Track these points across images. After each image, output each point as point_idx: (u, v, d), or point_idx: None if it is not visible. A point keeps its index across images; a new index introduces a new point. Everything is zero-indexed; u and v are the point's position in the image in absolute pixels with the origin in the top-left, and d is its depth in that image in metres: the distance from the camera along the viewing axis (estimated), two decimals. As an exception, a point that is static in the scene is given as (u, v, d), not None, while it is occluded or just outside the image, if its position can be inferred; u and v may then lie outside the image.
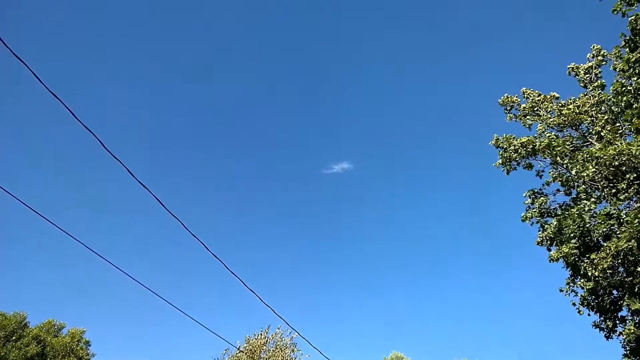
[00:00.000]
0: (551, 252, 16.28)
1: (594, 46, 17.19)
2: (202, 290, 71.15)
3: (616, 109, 15.24)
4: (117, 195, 77.21)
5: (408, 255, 78.65)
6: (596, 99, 16.47)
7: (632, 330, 14.45)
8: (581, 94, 17.14)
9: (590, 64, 17.16)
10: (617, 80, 15.01)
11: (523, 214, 17.81)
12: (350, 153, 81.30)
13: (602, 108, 16.43)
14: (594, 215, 15.14)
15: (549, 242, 16.86)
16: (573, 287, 16.33)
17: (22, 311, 30.79)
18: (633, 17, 14.06)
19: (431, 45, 77.09)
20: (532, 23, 67.94)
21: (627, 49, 14.70)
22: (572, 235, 15.11)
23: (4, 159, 61.53)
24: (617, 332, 15.55)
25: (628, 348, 14.92)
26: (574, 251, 15.04)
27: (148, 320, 67.57)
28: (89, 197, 75.23)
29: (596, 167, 14.21)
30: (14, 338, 29.20)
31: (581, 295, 15.95)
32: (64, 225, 7.21)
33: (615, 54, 16.14)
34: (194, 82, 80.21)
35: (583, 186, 15.69)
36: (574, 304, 16.14)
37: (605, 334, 15.77)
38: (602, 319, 15.84)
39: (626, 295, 14.47)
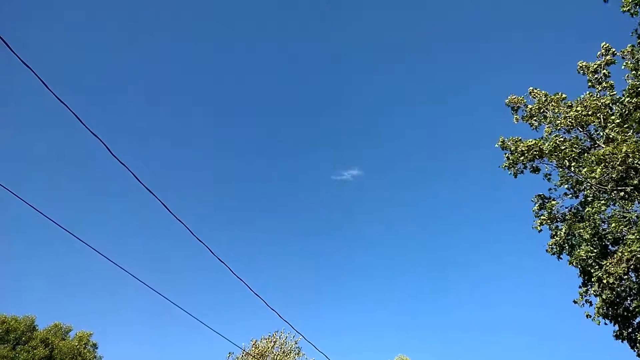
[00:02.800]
0: (570, 258, 15.71)
1: (603, 44, 16.77)
2: (208, 294, 71.34)
3: (625, 111, 14.86)
4: (123, 198, 77.83)
5: (415, 260, 78.17)
6: (604, 99, 16.08)
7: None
8: (588, 93, 16.74)
9: (598, 62, 16.77)
10: (630, 82, 14.64)
11: (534, 221, 17.24)
12: (360, 160, 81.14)
13: (612, 109, 16.03)
14: (604, 219, 14.73)
15: (558, 249, 16.41)
16: (586, 296, 15.72)
17: (30, 314, 31.20)
18: None
19: (442, 49, 76.70)
20: (540, 21, 67.21)
21: (638, 45, 14.34)
22: (586, 237, 14.64)
23: (11, 161, 62.45)
24: (638, 341, 14.88)
25: None
26: (592, 254, 14.53)
27: (155, 324, 67.96)
28: (95, 200, 75.98)
29: (604, 169, 13.85)
30: (23, 340, 29.53)
31: (596, 304, 15.30)
32: (71, 229, 7.20)
33: (629, 51, 15.68)
34: (201, 81, 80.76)
35: (591, 189, 15.30)
36: (588, 316, 15.47)
37: (631, 345, 15.08)
38: (619, 327, 15.18)
39: (637, 300, 14.02)
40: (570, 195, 17.13)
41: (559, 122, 16.39)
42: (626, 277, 14.01)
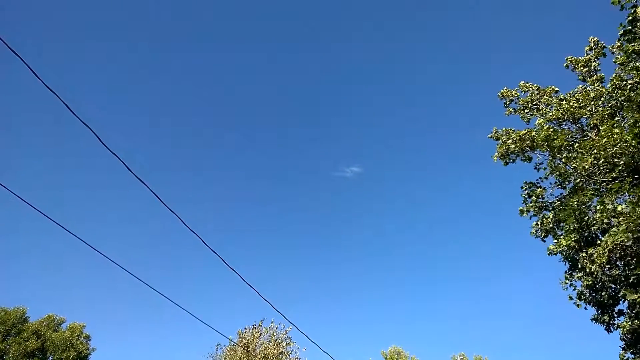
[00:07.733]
0: (550, 246, 16.17)
1: (591, 38, 17.07)
2: (201, 285, 71.42)
3: (615, 103, 15.19)
4: (115, 190, 77.07)
5: (411, 255, 79.33)
6: (595, 92, 16.41)
7: (629, 324, 14.52)
8: (580, 87, 17.04)
9: (588, 56, 17.07)
10: (616, 74, 14.92)
11: (520, 207, 17.48)
12: (361, 157, 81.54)
13: (601, 101, 16.36)
14: (591, 208, 15.12)
15: (544, 234, 16.77)
16: (571, 280, 16.27)
17: (22, 306, 30.85)
18: (632, 11, 13.94)
19: (439, 49, 77.08)
20: (531, 16, 67.68)
21: (626, 41, 14.60)
22: (571, 228, 15.02)
23: (2, 155, 61.26)
24: (615, 325, 15.54)
25: (626, 340, 14.95)
26: (573, 244, 14.97)
27: (147, 315, 67.87)
28: (87, 192, 75.07)
29: (594, 160, 14.20)
30: (13, 332, 29.25)
31: (578, 289, 15.91)
32: (61, 221, 7.21)
33: (618, 46, 15.96)
34: (205, 79, 79.82)
35: (580, 179, 15.66)
36: (570, 298, 16.10)
37: (606, 328, 15.74)
38: (599, 312, 15.81)
39: (623, 288, 14.51)
40: (558, 185, 17.45)
41: (550, 114, 16.69)
42: (610, 265, 14.44)
